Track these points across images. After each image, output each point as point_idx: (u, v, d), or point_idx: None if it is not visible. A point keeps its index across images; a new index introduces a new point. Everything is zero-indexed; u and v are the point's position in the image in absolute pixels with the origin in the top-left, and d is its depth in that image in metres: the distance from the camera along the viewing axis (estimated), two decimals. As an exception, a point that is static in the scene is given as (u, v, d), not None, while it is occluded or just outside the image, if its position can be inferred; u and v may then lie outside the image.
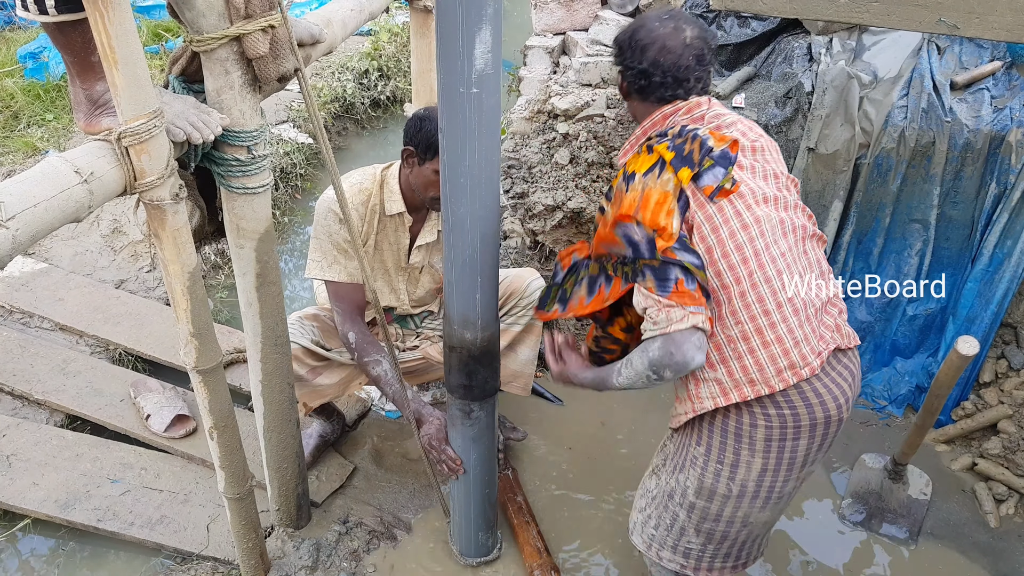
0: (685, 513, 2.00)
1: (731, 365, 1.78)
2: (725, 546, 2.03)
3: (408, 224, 2.52)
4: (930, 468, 2.97)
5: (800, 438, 1.83)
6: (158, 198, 1.64)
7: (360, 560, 2.60)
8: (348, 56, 5.97)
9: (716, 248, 1.73)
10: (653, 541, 2.11)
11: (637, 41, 1.82)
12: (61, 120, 4.82)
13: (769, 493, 1.91)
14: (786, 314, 1.75)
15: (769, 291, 1.74)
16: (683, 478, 1.98)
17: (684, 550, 2.06)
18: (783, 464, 1.86)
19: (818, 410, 1.80)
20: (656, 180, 1.72)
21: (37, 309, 3.49)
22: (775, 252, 1.76)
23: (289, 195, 4.78)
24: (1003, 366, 3.18)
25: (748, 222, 1.74)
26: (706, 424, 1.89)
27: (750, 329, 1.75)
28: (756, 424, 1.81)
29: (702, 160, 1.73)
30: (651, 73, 1.81)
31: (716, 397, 1.81)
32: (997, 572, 2.67)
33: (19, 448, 2.86)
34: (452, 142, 1.76)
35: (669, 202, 1.71)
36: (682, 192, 1.72)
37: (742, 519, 1.96)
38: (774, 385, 1.75)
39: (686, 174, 1.72)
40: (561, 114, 3.84)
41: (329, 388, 2.67)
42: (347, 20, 2.29)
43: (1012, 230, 2.96)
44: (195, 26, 1.63)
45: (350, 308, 2.49)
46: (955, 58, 3.26)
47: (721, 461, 1.88)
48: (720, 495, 1.92)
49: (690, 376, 1.84)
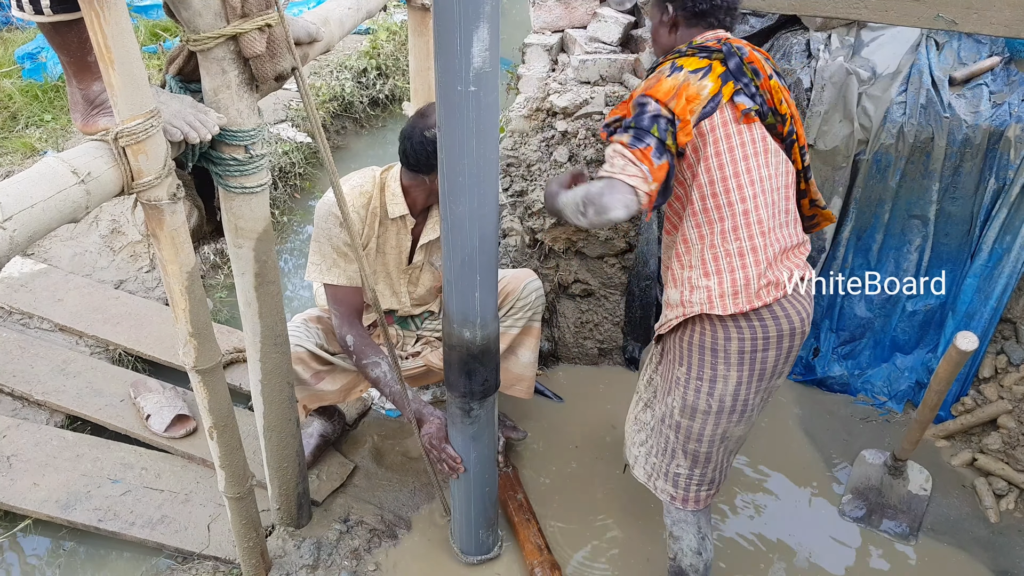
0: (673, 434, 2.17)
1: (723, 276, 1.95)
2: (708, 470, 2.19)
3: (411, 226, 2.52)
4: (930, 464, 2.97)
5: (769, 349, 2.00)
6: (156, 198, 1.63)
7: (361, 559, 2.60)
8: (346, 55, 5.96)
9: (728, 166, 1.91)
10: (653, 471, 2.27)
11: None
12: (59, 121, 4.82)
13: (744, 406, 2.08)
14: (777, 237, 1.98)
15: (768, 215, 1.95)
16: (670, 400, 2.15)
17: (674, 476, 2.21)
18: (755, 375, 2.03)
19: (784, 323, 1.99)
20: (697, 82, 1.88)
21: (37, 310, 3.49)
22: (777, 184, 1.98)
23: (288, 195, 4.78)
24: (1003, 361, 3.18)
25: (759, 150, 1.95)
26: (686, 344, 2.06)
27: (747, 247, 1.94)
28: (730, 337, 1.98)
29: (748, 82, 1.94)
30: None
31: (704, 304, 1.96)
32: (997, 567, 2.67)
33: (20, 449, 2.86)
34: (450, 140, 1.75)
35: (697, 104, 1.87)
36: (715, 99, 1.89)
37: (721, 435, 2.12)
38: (754, 302, 1.94)
39: (729, 88, 1.91)
40: (560, 112, 3.84)
41: (331, 394, 2.67)
42: (344, 19, 2.29)
43: (1011, 226, 2.96)
44: (191, 25, 1.63)
45: (348, 311, 2.49)
46: (954, 54, 3.26)
47: (701, 378, 2.05)
48: (701, 411, 2.08)
49: (685, 283, 2.02)
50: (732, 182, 1.92)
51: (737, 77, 1.94)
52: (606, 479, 2.94)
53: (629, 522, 2.79)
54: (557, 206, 1.99)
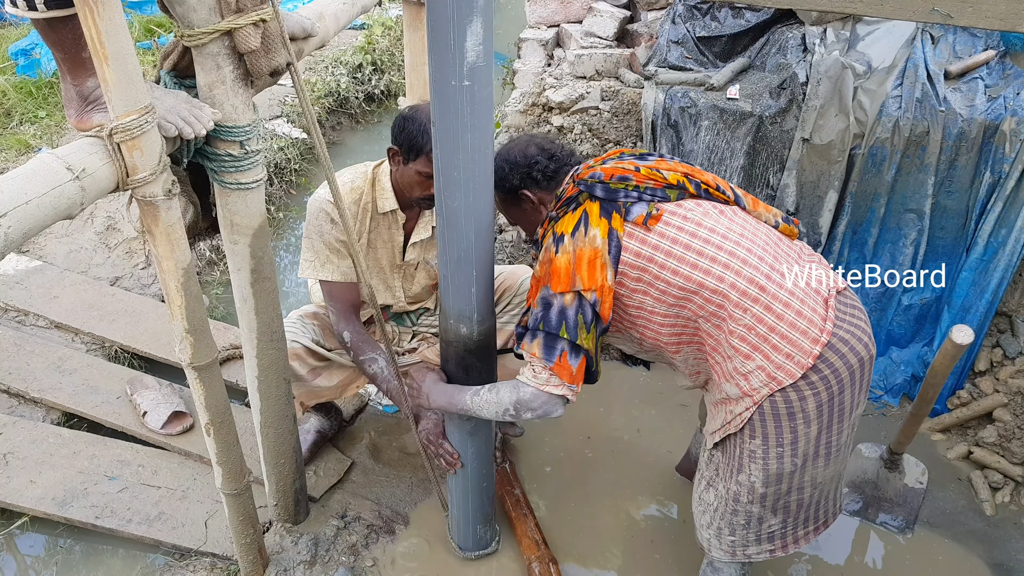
0: (758, 507, 2.02)
1: (764, 348, 1.83)
2: (803, 513, 2.08)
3: (402, 221, 2.51)
4: (926, 457, 2.98)
5: (844, 390, 1.88)
6: (151, 194, 1.63)
7: (359, 554, 2.60)
8: (341, 50, 5.95)
9: (683, 262, 1.82)
10: (735, 547, 2.12)
11: (497, 159, 2.02)
12: (53, 117, 4.80)
13: (828, 449, 1.95)
14: (781, 273, 1.85)
15: (756, 271, 1.82)
16: (744, 477, 1.99)
17: (768, 535, 2.09)
18: (835, 419, 1.91)
19: (851, 357, 1.86)
20: (584, 239, 1.83)
21: (32, 307, 3.48)
22: (736, 235, 1.86)
23: (283, 190, 4.77)
24: (998, 355, 3.19)
25: (695, 230, 1.85)
26: (756, 418, 1.91)
27: (764, 311, 1.81)
28: (804, 397, 1.85)
29: (626, 200, 1.87)
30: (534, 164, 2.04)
31: (767, 383, 1.85)
32: (993, 560, 2.68)
33: (16, 446, 2.86)
34: (445, 135, 1.75)
35: (600, 256, 1.82)
36: (613, 235, 1.83)
37: (811, 482, 2.00)
38: (813, 350, 1.81)
39: (617, 219, 1.85)
40: (556, 107, 3.83)
41: (327, 390, 2.67)
42: (339, 14, 2.28)
43: (1007, 219, 2.96)
44: (186, 21, 1.62)
45: (345, 307, 2.49)
46: (949, 47, 3.26)
47: (781, 444, 1.91)
48: (787, 473, 1.96)
49: (733, 374, 1.89)
50: (698, 273, 1.82)
51: (613, 199, 1.87)
52: (603, 473, 2.95)
53: (627, 515, 2.79)
54: (465, 407, 2.05)
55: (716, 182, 1.96)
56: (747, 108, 3.21)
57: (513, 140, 2.15)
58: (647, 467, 2.96)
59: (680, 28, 3.63)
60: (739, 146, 3.25)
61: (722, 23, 3.59)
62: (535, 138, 2.13)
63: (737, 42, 3.58)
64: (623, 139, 3.69)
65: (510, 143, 2.12)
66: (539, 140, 2.10)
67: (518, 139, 2.13)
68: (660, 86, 3.40)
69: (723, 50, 3.59)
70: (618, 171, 1.89)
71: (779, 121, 3.18)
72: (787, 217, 2.04)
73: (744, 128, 3.22)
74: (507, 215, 2.19)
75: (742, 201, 1.99)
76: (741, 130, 3.23)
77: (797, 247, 2.00)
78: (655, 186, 1.88)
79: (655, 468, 2.94)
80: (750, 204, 1.99)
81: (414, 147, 2.26)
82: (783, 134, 3.18)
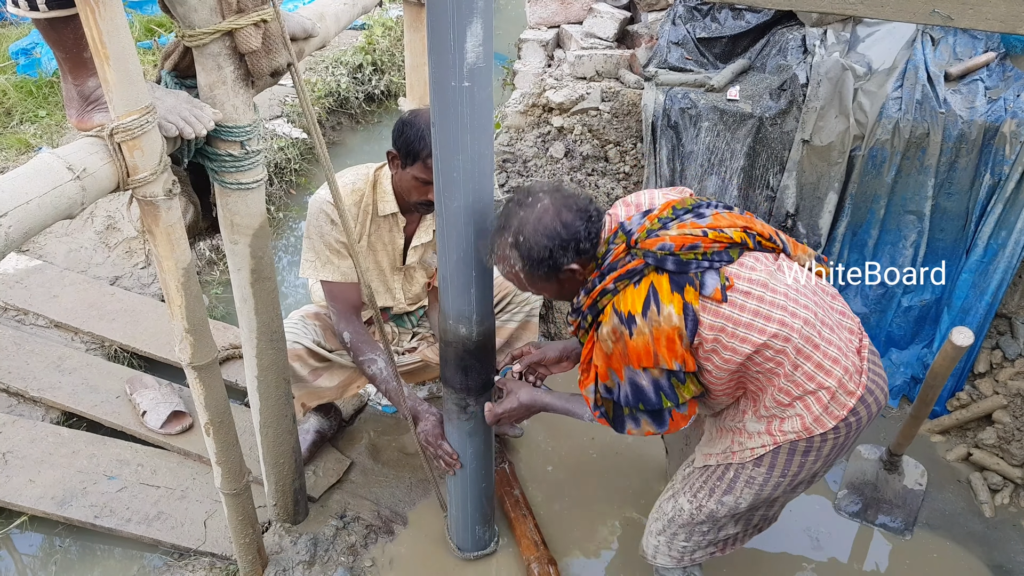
0: (729, 519, 2.04)
1: (807, 400, 1.83)
2: (760, 524, 2.13)
3: (402, 225, 2.52)
4: (925, 459, 2.98)
5: (859, 432, 1.91)
6: (151, 194, 1.63)
7: (358, 555, 2.60)
8: (342, 51, 5.95)
9: (752, 329, 1.74)
10: (685, 552, 2.13)
11: (529, 237, 1.76)
12: (54, 117, 4.80)
13: (816, 477, 1.98)
14: (830, 339, 1.81)
15: (815, 331, 1.78)
16: (731, 499, 1.98)
17: (721, 540, 2.12)
18: (838, 456, 1.94)
19: (874, 407, 1.88)
20: (659, 317, 1.71)
21: (32, 306, 3.48)
22: (795, 296, 1.79)
23: (283, 191, 4.77)
24: (998, 356, 3.19)
25: (762, 294, 1.76)
26: (769, 452, 1.91)
27: (811, 368, 1.79)
28: (826, 440, 1.87)
29: (697, 269, 1.74)
30: (578, 234, 1.77)
31: (799, 431, 1.84)
32: (992, 561, 2.68)
33: (15, 445, 2.86)
34: (444, 136, 1.75)
35: (679, 331, 1.72)
36: (688, 310, 1.72)
37: (784, 503, 2.05)
38: (847, 403, 1.82)
39: (691, 292, 1.72)
40: (556, 108, 3.84)
41: (328, 390, 2.67)
42: (340, 14, 2.28)
43: (1006, 221, 2.96)
44: (187, 21, 1.62)
45: (345, 308, 2.49)
46: (949, 49, 3.26)
47: (785, 475, 1.92)
48: (774, 498, 1.98)
49: (767, 416, 1.88)
50: (764, 337, 1.74)
51: (684, 271, 1.73)
52: (602, 474, 2.95)
53: (626, 516, 2.79)
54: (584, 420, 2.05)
55: (768, 232, 1.89)
56: (747, 109, 3.21)
57: (534, 207, 1.77)
58: (647, 468, 2.95)
59: (680, 29, 3.63)
60: (739, 147, 3.26)
61: (722, 24, 3.59)
62: (562, 198, 1.79)
63: (737, 43, 3.58)
64: (623, 140, 3.69)
65: (534, 213, 1.76)
66: (568, 200, 1.79)
67: (542, 206, 1.77)
68: (660, 87, 3.40)
69: (723, 51, 3.59)
70: (688, 240, 1.74)
71: (779, 122, 3.18)
72: (819, 256, 1.99)
73: (744, 129, 3.22)
74: (540, 292, 1.93)
75: (788, 248, 1.92)
76: (741, 131, 3.23)
77: (830, 291, 1.97)
78: (720, 248, 1.77)
79: (655, 469, 2.94)
80: (791, 248, 1.93)
81: (411, 153, 2.26)
82: (783, 135, 3.18)
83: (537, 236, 1.75)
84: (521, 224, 1.76)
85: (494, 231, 1.83)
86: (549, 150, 3.79)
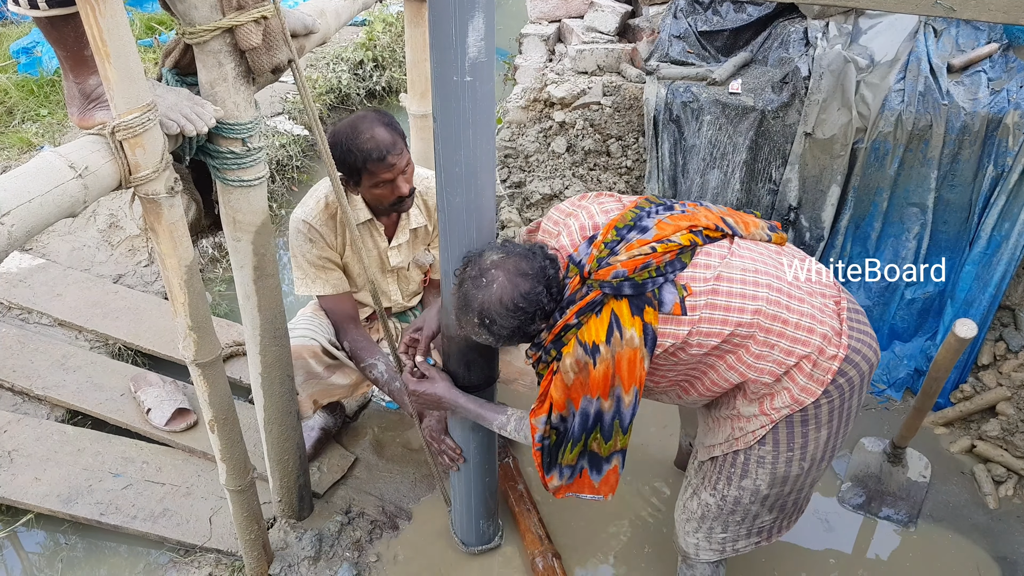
0: (758, 506, 2.05)
1: (792, 373, 1.83)
2: (795, 508, 2.13)
3: (381, 228, 2.54)
4: (929, 451, 2.98)
5: (853, 395, 1.90)
6: (153, 192, 1.63)
7: (363, 550, 2.61)
8: (342, 47, 5.95)
9: (713, 323, 1.77)
10: (726, 543, 2.14)
11: (495, 318, 1.76)
12: (55, 115, 4.81)
13: (833, 451, 1.99)
14: (796, 309, 1.81)
15: (781, 307, 1.80)
16: (749, 482, 2.00)
17: (758, 530, 2.12)
18: (843, 423, 1.94)
19: (863, 365, 1.87)
20: (621, 342, 1.73)
21: (36, 305, 3.49)
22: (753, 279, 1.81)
23: (286, 187, 4.78)
24: (1001, 348, 3.18)
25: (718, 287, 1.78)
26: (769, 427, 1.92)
27: (787, 343, 1.80)
28: (819, 404, 1.87)
29: (654, 286, 1.75)
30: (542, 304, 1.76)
31: (791, 404, 1.85)
32: (996, 553, 2.68)
33: (20, 444, 2.87)
34: (446, 131, 1.75)
35: (640, 353, 1.74)
36: (648, 330, 1.74)
37: (811, 481, 2.05)
38: (832, 366, 1.82)
39: (650, 313, 1.74)
40: (557, 102, 3.83)
41: (341, 388, 2.69)
42: (340, 10, 2.28)
43: (1010, 212, 2.96)
44: (187, 18, 1.62)
45: (342, 317, 2.54)
46: (952, 41, 3.25)
47: (792, 448, 1.92)
48: (794, 476, 1.98)
49: (757, 395, 1.88)
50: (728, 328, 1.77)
51: (642, 292, 1.74)
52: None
53: (630, 510, 2.80)
54: (492, 429, 2.10)
55: (714, 221, 1.88)
56: (749, 102, 3.20)
57: (490, 288, 1.74)
58: (652, 462, 2.96)
59: (682, 23, 3.62)
60: (741, 141, 3.25)
61: (724, 17, 3.58)
62: (514, 266, 1.76)
63: (739, 36, 3.57)
64: (625, 134, 3.68)
65: (492, 293, 1.74)
66: (520, 265, 1.76)
67: (498, 285, 1.74)
68: (662, 81, 3.40)
69: (725, 44, 3.58)
70: (639, 261, 1.75)
71: (781, 115, 3.17)
72: (772, 226, 2.00)
73: (746, 123, 3.22)
74: None
75: (736, 229, 1.91)
76: (743, 125, 3.22)
77: (799, 256, 1.97)
78: (671, 258, 1.78)
79: (659, 463, 2.94)
80: (743, 229, 1.93)
81: (352, 171, 2.28)
82: (785, 128, 3.18)
83: (503, 318, 1.75)
84: (483, 307, 1.75)
85: (458, 308, 1.82)
86: (551, 145, 3.79)
